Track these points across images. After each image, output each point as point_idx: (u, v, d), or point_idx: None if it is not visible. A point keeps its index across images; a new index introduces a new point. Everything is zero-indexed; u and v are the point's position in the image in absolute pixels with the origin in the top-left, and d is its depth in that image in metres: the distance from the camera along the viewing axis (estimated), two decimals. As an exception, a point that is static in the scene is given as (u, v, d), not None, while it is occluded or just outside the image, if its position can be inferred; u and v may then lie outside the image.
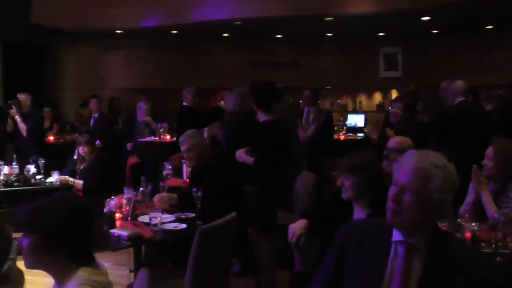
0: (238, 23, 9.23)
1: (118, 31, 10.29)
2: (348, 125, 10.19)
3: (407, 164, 2.11)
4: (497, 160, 3.83)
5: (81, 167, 6.46)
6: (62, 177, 6.24)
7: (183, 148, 4.83)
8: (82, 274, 2.06)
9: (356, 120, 10.61)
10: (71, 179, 6.25)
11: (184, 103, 8.53)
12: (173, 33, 10.50)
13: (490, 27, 10.44)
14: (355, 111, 11.39)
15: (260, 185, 4.90)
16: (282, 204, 5.11)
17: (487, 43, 10.87)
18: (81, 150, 6.42)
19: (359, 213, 3.09)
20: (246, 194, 4.90)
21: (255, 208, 4.83)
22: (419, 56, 11.41)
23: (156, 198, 4.60)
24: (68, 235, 2.05)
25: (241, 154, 4.98)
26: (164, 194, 4.65)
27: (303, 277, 2.78)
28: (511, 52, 10.48)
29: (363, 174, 3.03)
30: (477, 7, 8.32)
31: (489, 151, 3.89)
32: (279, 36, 11.38)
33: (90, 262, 2.13)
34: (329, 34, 11.09)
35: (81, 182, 6.23)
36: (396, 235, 2.14)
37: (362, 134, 9.35)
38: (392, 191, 2.10)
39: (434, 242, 2.10)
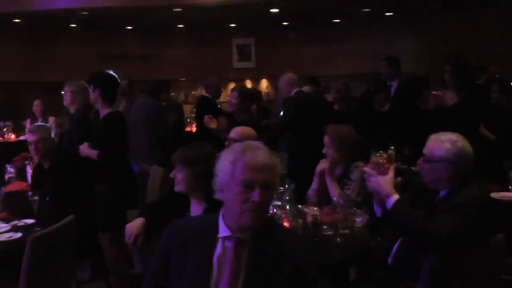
0: (84, 13, 8.85)
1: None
2: (204, 117, 10.13)
3: (258, 161, 2.04)
4: (334, 146, 3.97)
5: None
6: None
7: (33, 137, 4.46)
8: None
9: (211, 111, 10.59)
10: None
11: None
12: (16, 21, 9.86)
13: (337, 20, 10.97)
14: (209, 102, 11.37)
15: (106, 183, 4.67)
16: (134, 202, 4.91)
17: (335, 36, 11.45)
18: None
19: (195, 208, 3.03)
20: (94, 195, 4.65)
21: (101, 208, 4.60)
22: (272, 47, 11.74)
23: None
24: None
25: (85, 149, 4.69)
26: None
27: (140, 279, 2.65)
28: (357, 44, 11.15)
29: (195, 168, 2.96)
30: (319, 2, 8.67)
31: (326, 138, 4.03)
32: (129, 27, 11.10)
33: None
34: (181, 26, 11.00)
35: None
36: (223, 231, 2.10)
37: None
38: (251, 192, 2.01)
39: (261, 233, 2.09)
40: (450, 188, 2.85)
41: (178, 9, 8.69)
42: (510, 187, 4.35)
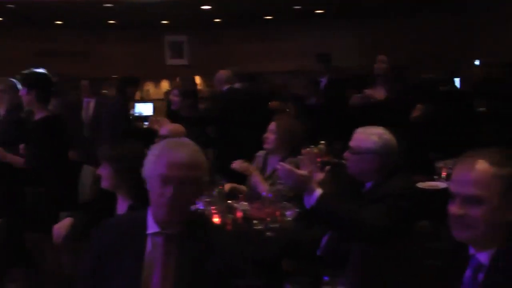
0: (10, 6, 8.55)
1: None
2: (136, 114, 10.06)
3: (178, 158, 2.04)
4: (278, 134, 4.01)
5: None
6: None
7: None
8: None
9: (144, 108, 10.48)
10: None
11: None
12: None
13: (270, 17, 11.05)
14: (142, 100, 11.26)
15: (39, 185, 4.51)
16: (73, 203, 4.77)
17: (268, 33, 11.53)
18: None
19: (121, 205, 2.98)
20: (25, 197, 4.47)
21: (35, 211, 4.43)
22: (205, 45, 11.73)
23: None
24: None
25: (4, 154, 4.50)
26: None
27: (71, 282, 2.59)
28: (291, 41, 11.28)
29: (117, 165, 2.93)
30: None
31: (272, 125, 4.08)
32: (60, 22, 10.82)
33: None
34: (112, 22, 10.80)
35: None
36: (152, 227, 2.09)
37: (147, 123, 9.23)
38: (166, 188, 2.01)
39: (191, 228, 2.10)
40: (375, 179, 2.94)
41: (109, 5, 8.54)
42: (435, 177, 4.52)
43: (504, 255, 1.80)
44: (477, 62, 9.09)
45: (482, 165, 1.81)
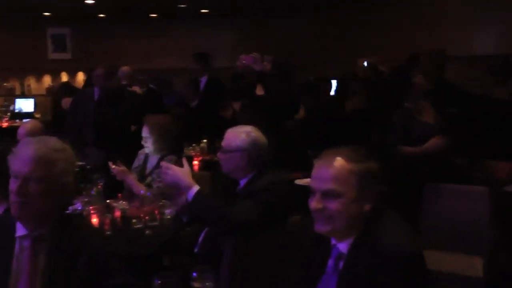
0: None
1: None
2: (16, 110, 9.61)
3: (25, 154, 2.01)
4: (154, 136, 3.97)
5: None
6: None
7: None
8: None
9: (25, 105, 10.00)
10: None
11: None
12: None
13: (155, 15, 10.97)
14: (23, 95, 10.76)
15: None
16: None
17: (153, 30, 11.45)
18: None
19: None
20: None
21: None
22: (89, 39, 11.45)
23: None
24: None
25: None
26: None
27: None
28: (176, 39, 11.30)
29: None
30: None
31: (144, 130, 4.01)
32: None
33: None
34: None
35: None
36: (20, 230, 2.04)
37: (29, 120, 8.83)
38: (14, 183, 1.99)
39: (59, 229, 2.07)
40: (247, 176, 3.07)
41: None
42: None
43: (360, 243, 1.97)
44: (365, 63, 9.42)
45: (339, 162, 1.97)
